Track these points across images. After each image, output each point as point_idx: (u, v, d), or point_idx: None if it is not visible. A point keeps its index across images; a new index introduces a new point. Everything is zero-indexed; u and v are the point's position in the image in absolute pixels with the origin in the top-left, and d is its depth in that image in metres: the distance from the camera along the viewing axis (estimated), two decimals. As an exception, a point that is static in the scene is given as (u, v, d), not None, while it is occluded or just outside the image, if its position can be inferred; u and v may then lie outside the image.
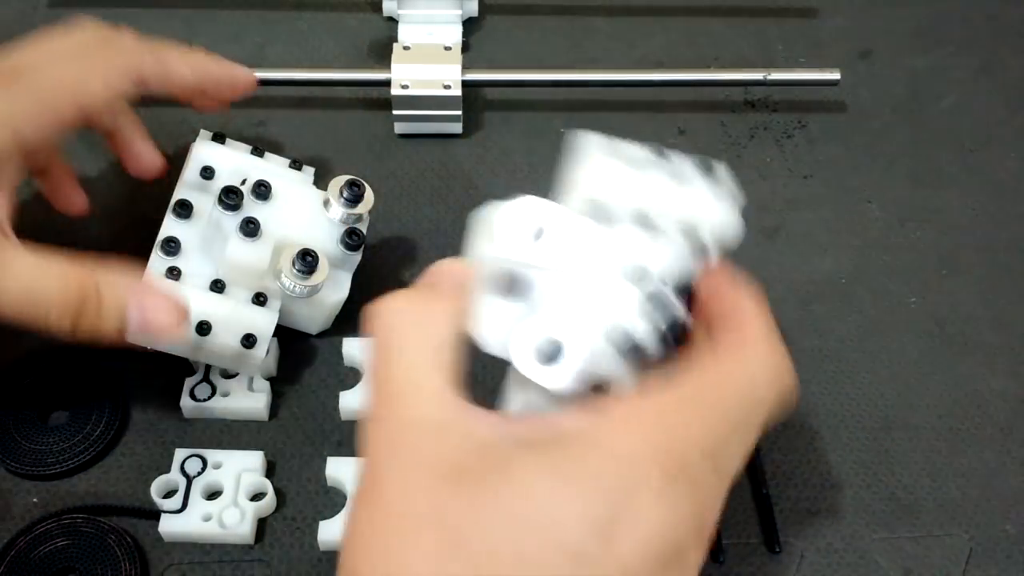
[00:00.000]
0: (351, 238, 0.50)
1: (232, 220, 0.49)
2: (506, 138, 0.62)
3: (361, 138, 0.62)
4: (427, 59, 0.61)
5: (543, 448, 0.30)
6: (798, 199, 0.61)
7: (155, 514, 0.47)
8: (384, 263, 0.56)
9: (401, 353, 0.33)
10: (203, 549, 0.47)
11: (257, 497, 0.48)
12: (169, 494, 0.47)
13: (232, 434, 0.50)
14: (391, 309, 0.34)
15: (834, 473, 0.50)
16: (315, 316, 0.52)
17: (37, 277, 0.42)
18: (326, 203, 0.50)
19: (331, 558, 0.47)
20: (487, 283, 0.34)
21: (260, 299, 0.49)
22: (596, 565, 0.29)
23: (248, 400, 0.50)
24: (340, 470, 0.48)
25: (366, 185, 0.51)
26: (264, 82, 0.57)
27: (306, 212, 0.50)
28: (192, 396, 0.50)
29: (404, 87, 0.60)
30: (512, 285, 0.33)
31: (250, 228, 0.48)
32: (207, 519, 0.47)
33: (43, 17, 0.68)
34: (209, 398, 0.50)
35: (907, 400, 0.53)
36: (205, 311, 0.48)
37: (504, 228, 0.34)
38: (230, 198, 0.49)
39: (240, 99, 0.54)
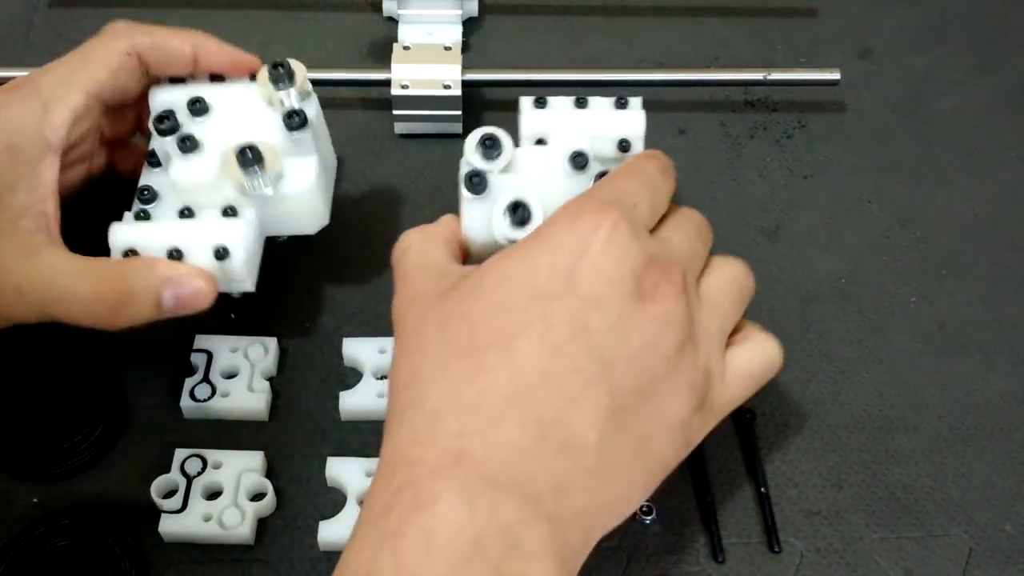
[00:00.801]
0: (290, 118, 0.48)
1: (172, 143, 0.48)
2: (506, 138, 0.62)
3: (361, 138, 0.62)
4: (427, 59, 0.61)
5: (514, 246, 0.40)
6: (798, 199, 0.61)
7: (155, 514, 0.47)
8: (385, 263, 0.56)
9: (408, 251, 0.43)
10: (203, 549, 0.47)
11: (257, 497, 0.48)
12: (169, 494, 0.47)
13: (232, 434, 0.50)
14: (404, 235, 0.44)
15: (834, 473, 0.50)
16: (296, 211, 0.50)
17: (76, 276, 0.45)
18: (269, 100, 0.49)
19: (331, 558, 0.47)
20: (463, 191, 0.44)
21: (230, 212, 0.48)
22: (562, 298, 0.37)
23: (248, 400, 0.50)
24: (340, 470, 0.48)
25: (290, 61, 0.49)
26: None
27: (249, 115, 0.49)
28: (192, 396, 0.50)
29: (404, 87, 0.60)
30: (480, 186, 0.44)
31: (186, 144, 0.47)
32: (207, 519, 0.47)
33: (43, 17, 0.68)
34: (209, 398, 0.50)
35: (907, 400, 0.53)
36: (173, 238, 0.46)
37: (469, 145, 0.46)
38: (163, 123, 0.48)
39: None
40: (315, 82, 0.63)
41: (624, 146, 0.49)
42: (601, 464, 0.36)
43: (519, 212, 0.43)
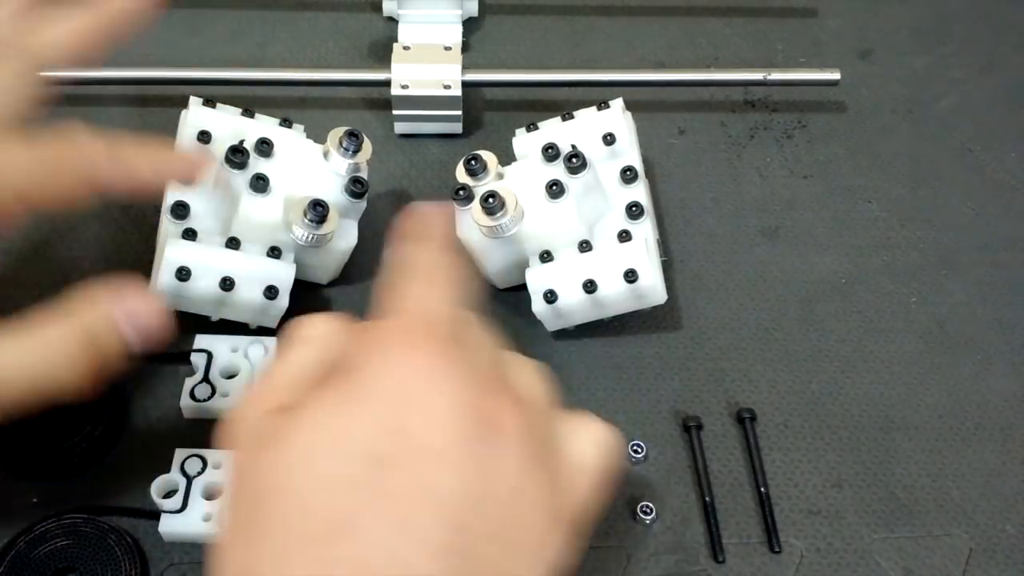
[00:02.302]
0: (355, 186, 0.52)
1: (240, 178, 0.51)
2: (506, 138, 0.62)
3: (361, 138, 0.62)
4: (427, 59, 0.61)
5: (338, 393, 0.33)
6: (798, 199, 0.61)
7: (155, 514, 0.47)
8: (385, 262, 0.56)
9: (300, 344, 0.38)
10: (203, 549, 0.47)
11: (257, 497, 0.48)
12: (169, 494, 0.47)
13: (232, 434, 0.50)
14: (307, 321, 0.39)
15: (834, 473, 0.50)
16: (327, 265, 0.54)
17: (40, 361, 0.39)
18: (326, 154, 0.52)
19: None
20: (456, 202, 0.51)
21: (275, 252, 0.51)
22: (398, 463, 0.31)
23: (248, 400, 0.50)
24: (340, 470, 0.48)
25: (363, 135, 0.52)
26: (264, 82, 0.57)
27: (308, 165, 0.52)
28: (192, 396, 0.50)
29: (404, 87, 0.60)
30: (465, 199, 0.51)
31: (260, 184, 0.51)
32: (207, 519, 0.47)
33: (43, 17, 0.68)
34: (209, 398, 0.50)
35: (907, 400, 0.53)
36: (226, 267, 0.49)
37: (460, 170, 0.53)
38: (236, 156, 0.51)
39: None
40: (315, 82, 0.63)
41: (608, 139, 0.53)
42: None
43: (490, 201, 0.50)
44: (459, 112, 0.61)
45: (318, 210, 0.50)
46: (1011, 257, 0.59)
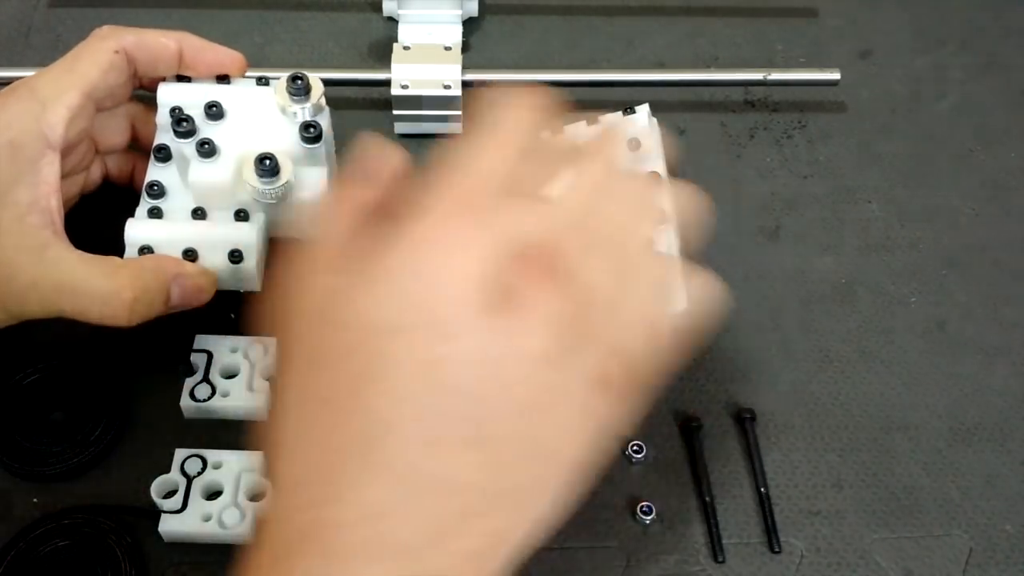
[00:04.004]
0: (307, 131, 0.50)
1: (189, 146, 0.50)
2: (506, 138, 0.62)
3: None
4: (427, 59, 0.61)
5: (359, 275, 0.34)
6: (798, 199, 0.61)
7: (155, 514, 0.47)
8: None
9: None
10: (203, 549, 0.47)
11: (257, 497, 0.48)
12: (169, 494, 0.47)
13: (232, 434, 0.50)
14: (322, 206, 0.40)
15: (834, 473, 0.50)
16: (302, 218, 0.51)
17: (90, 273, 0.46)
18: (283, 109, 0.51)
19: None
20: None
21: (241, 215, 0.50)
22: (405, 331, 0.33)
23: (248, 400, 0.50)
24: (340, 470, 0.48)
25: (308, 75, 0.51)
26: (264, 81, 0.57)
27: (264, 121, 0.51)
28: (192, 396, 0.50)
29: (404, 87, 0.60)
30: None
31: (205, 149, 0.49)
32: (207, 519, 0.47)
33: (43, 17, 0.68)
34: (209, 398, 0.50)
35: (907, 400, 0.53)
36: (188, 238, 0.49)
37: None
38: (181, 125, 0.50)
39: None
40: (315, 82, 0.63)
41: (633, 145, 0.51)
42: (486, 497, 0.33)
43: None
44: (459, 112, 0.61)
45: (266, 164, 0.48)
46: (1011, 257, 0.59)
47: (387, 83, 0.60)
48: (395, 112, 0.61)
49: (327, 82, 0.63)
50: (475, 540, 0.33)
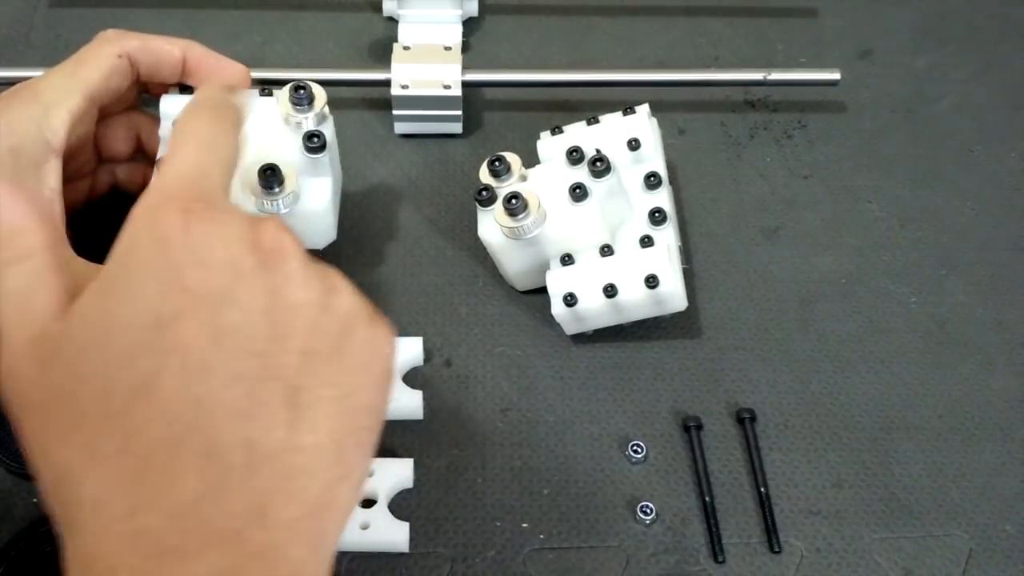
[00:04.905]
0: (311, 141, 0.50)
1: None
2: (506, 138, 0.62)
3: (361, 138, 0.62)
4: (427, 59, 0.61)
5: (104, 283, 0.33)
6: (798, 199, 0.61)
7: (155, 514, 0.47)
8: (385, 261, 0.56)
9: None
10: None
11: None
12: (169, 494, 0.47)
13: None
14: None
15: (834, 473, 0.51)
16: (309, 229, 0.51)
17: (91, 281, 0.44)
18: (286, 119, 0.51)
19: (335, 558, 0.47)
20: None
21: None
22: (184, 313, 0.32)
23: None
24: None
25: (311, 84, 0.51)
26: (264, 82, 0.57)
27: (268, 133, 0.51)
28: (192, 396, 0.50)
29: (404, 87, 0.60)
30: (487, 200, 0.52)
31: None
32: (207, 519, 0.47)
33: (43, 17, 0.68)
34: (209, 398, 0.50)
35: (907, 400, 0.53)
36: None
37: (484, 171, 0.53)
38: None
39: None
40: (315, 82, 0.63)
41: (633, 145, 0.53)
42: (304, 455, 0.32)
43: (513, 202, 0.50)
44: (459, 112, 0.61)
45: (268, 175, 0.48)
46: (1011, 257, 0.59)
47: (387, 83, 0.60)
48: (395, 112, 0.61)
49: (327, 82, 0.63)
50: (299, 507, 0.32)
